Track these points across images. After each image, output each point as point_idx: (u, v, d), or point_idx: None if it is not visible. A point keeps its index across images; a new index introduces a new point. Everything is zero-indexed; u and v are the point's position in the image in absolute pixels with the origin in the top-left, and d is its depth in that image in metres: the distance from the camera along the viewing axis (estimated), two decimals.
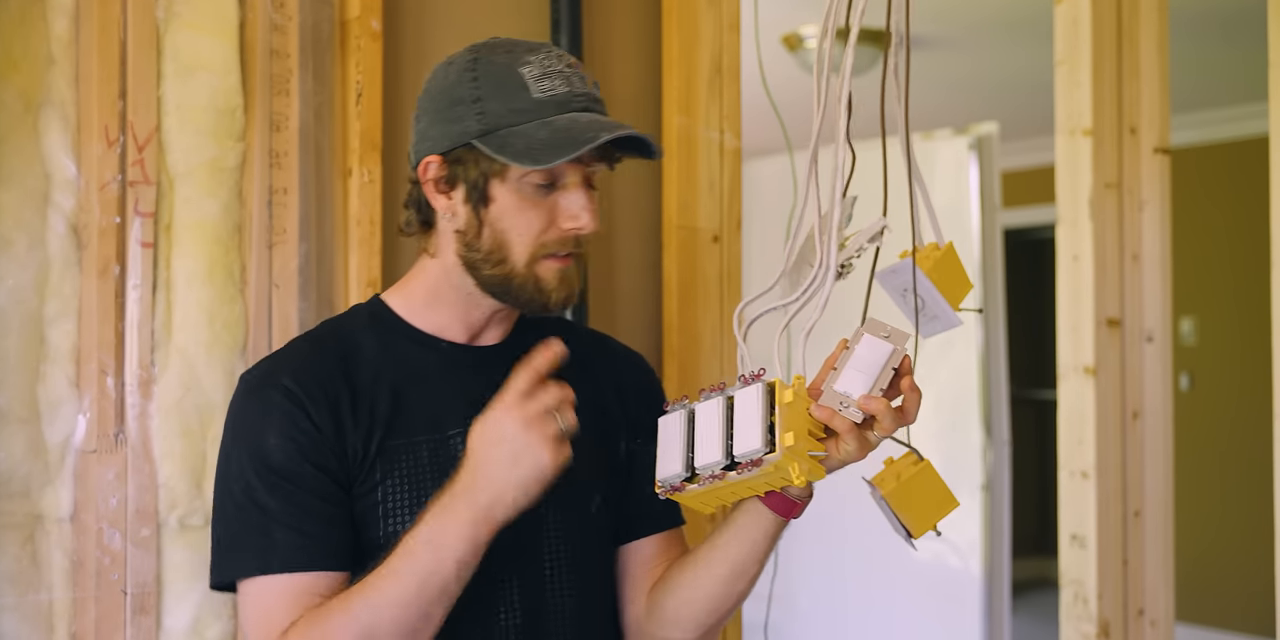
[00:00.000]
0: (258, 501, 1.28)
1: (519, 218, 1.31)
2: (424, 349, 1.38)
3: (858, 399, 1.21)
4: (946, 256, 1.52)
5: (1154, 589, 2.58)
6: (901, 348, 1.24)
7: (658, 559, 1.48)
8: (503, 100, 1.30)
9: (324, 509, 1.28)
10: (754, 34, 2.38)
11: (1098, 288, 2.54)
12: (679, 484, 1.25)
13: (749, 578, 1.38)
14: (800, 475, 1.19)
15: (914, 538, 1.44)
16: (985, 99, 5.13)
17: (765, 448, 1.19)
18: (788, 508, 1.30)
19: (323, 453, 1.29)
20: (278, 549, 1.26)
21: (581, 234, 1.31)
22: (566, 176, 1.31)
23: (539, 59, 1.32)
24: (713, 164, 2.19)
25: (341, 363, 1.35)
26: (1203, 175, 5.40)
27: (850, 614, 4.46)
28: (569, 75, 1.32)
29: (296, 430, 1.28)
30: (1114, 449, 2.55)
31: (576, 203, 1.31)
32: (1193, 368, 5.58)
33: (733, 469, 1.21)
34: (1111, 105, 2.57)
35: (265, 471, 1.28)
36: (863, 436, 1.23)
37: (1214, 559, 5.30)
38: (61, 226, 1.68)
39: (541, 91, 1.30)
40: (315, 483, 1.28)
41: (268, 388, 1.31)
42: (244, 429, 1.31)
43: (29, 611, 1.64)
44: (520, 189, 1.30)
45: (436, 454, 1.33)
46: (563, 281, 1.33)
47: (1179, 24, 2.79)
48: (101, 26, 1.70)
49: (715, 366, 2.18)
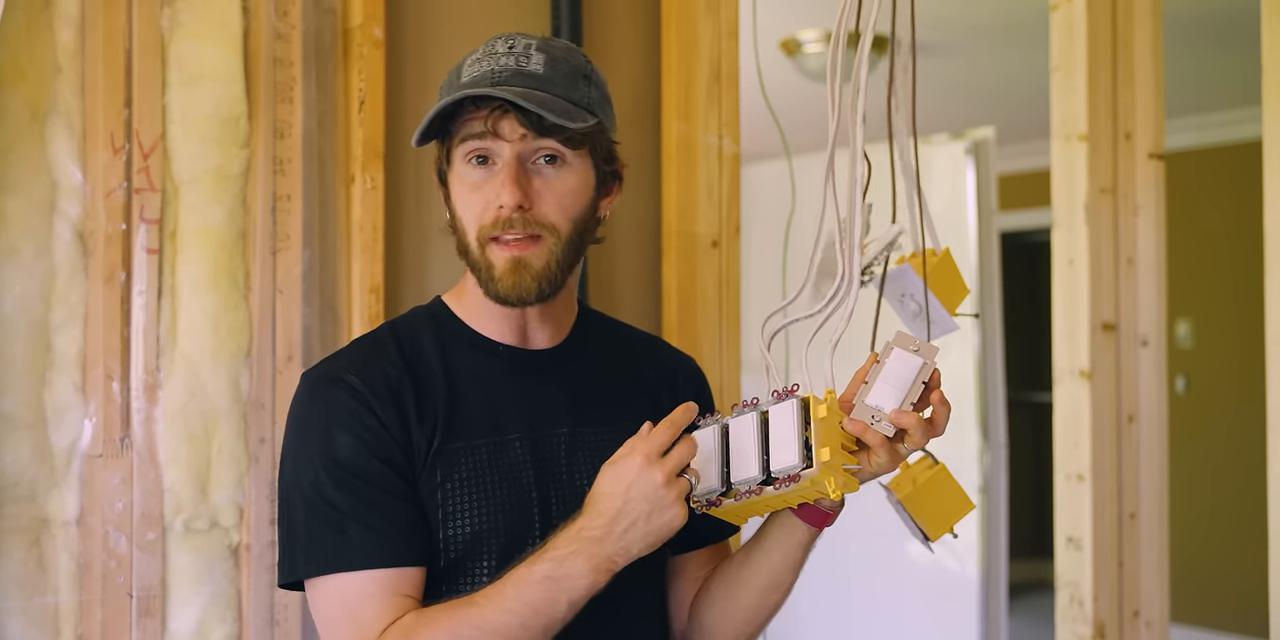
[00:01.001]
0: (328, 498, 1.26)
1: (462, 201, 1.32)
2: (482, 353, 1.38)
3: (889, 413, 1.23)
4: (943, 262, 1.53)
5: (1149, 590, 2.60)
6: (931, 362, 1.25)
7: (703, 570, 1.50)
8: (446, 90, 1.32)
9: (396, 505, 1.27)
10: (753, 40, 2.40)
11: (1093, 292, 2.55)
12: (715, 498, 1.27)
13: (785, 588, 1.41)
14: (837, 489, 1.21)
15: (931, 541, 1.45)
16: (982, 104, 5.14)
17: (802, 463, 1.20)
18: (820, 519, 1.33)
19: (390, 449, 1.28)
20: (353, 546, 1.25)
21: (505, 213, 1.28)
22: (497, 156, 1.29)
23: (488, 44, 1.33)
24: (711, 170, 2.21)
25: (404, 362, 1.34)
26: (1199, 179, 5.42)
27: (848, 617, 4.47)
28: (501, 55, 1.30)
29: (362, 427, 1.28)
30: (1109, 452, 2.57)
31: (498, 180, 1.29)
32: (1189, 371, 5.59)
33: (770, 484, 1.23)
34: (1106, 111, 2.58)
35: (334, 468, 1.27)
36: (894, 449, 1.25)
37: (1209, 561, 5.32)
38: (68, 233, 1.69)
39: (466, 75, 1.30)
40: (384, 479, 1.27)
41: (332, 386, 1.31)
42: (309, 427, 1.31)
43: (35, 614, 1.65)
44: (462, 174, 1.31)
45: (496, 458, 1.33)
46: (514, 269, 1.30)
47: (1173, 29, 2.81)
48: (107, 36, 1.71)
49: (715, 369, 2.19)
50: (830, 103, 1.35)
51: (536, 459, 1.35)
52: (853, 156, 1.37)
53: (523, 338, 1.40)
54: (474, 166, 1.30)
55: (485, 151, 1.29)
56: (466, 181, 1.31)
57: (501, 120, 1.27)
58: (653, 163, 2.20)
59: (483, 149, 1.29)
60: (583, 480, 1.37)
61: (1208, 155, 5.47)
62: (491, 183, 1.29)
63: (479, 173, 1.30)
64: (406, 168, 1.98)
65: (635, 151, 2.20)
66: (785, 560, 1.37)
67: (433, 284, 1.99)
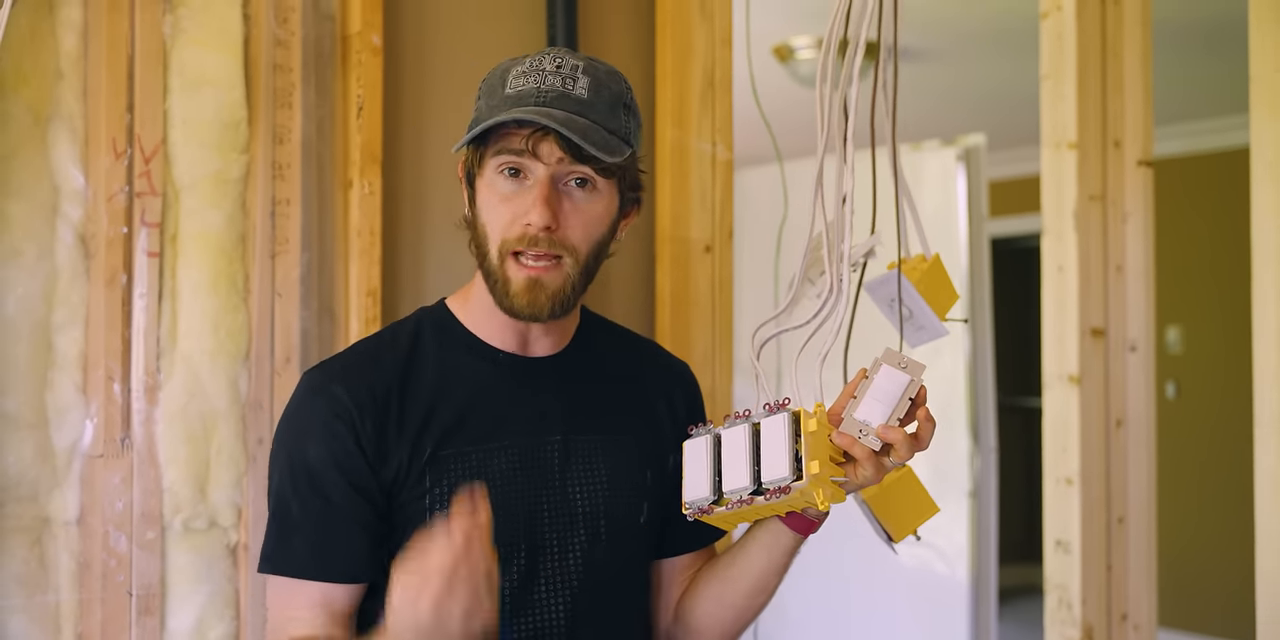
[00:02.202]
0: (285, 504, 1.32)
1: (490, 211, 1.33)
2: (481, 360, 1.40)
3: (876, 428, 1.27)
4: (933, 268, 1.56)
5: (1137, 594, 2.62)
6: (918, 379, 1.29)
7: (689, 570, 1.53)
8: (486, 98, 1.34)
9: (346, 525, 1.31)
10: (745, 47, 2.42)
11: (1082, 298, 2.58)
12: (707, 507, 1.31)
13: (769, 591, 1.45)
14: (825, 500, 1.25)
15: (895, 542, 1.49)
16: (972, 110, 5.16)
17: (793, 475, 1.24)
18: (806, 526, 1.36)
19: (357, 464, 1.31)
20: (292, 553, 1.31)
21: (532, 231, 1.30)
22: (532, 166, 1.31)
23: (534, 58, 1.34)
24: (705, 176, 2.23)
25: (400, 370, 1.37)
26: (1187, 186, 5.45)
27: (838, 620, 4.48)
28: (548, 74, 1.32)
29: (334, 440, 1.31)
30: (1098, 456, 2.59)
31: (529, 198, 1.30)
32: (1179, 376, 5.62)
33: (760, 494, 1.27)
34: (1096, 119, 2.61)
35: (297, 476, 1.32)
36: (879, 462, 1.28)
37: (1197, 564, 5.34)
38: (69, 237, 1.71)
39: (512, 88, 1.32)
40: (342, 494, 1.31)
41: (316, 395, 1.34)
42: (291, 431, 1.35)
43: (36, 613, 1.67)
44: (493, 182, 1.32)
45: (485, 465, 1.35)
46: (529, 288, 1.31)
47: (1162, 37, 2.83)
48: (109, 42, 1.73)
49: (708, 374, 2.21)
50: (819, 111, 1.38)
51: (527, 467, 1.37)
52: (839, 167, 1.40)
53: (524, 345, 1.42)
54: (506, 177, 1.32)
55: (519, 166, 1.31)
56: (497, 191, 1.32)
57: (541, 142, 1.29)
58: (646, 168, 2.22)
59: (517, 164, 1.31)
60: (575, 489, 1.40)
61: (1196, 162, 5.50)
62: (523, 198, 1.31)
63: (510, 184, 1.32)
64: (404, 173, 2.00)
65: None
66: (771, 565, 1.41)
67: (430, 287, 2.01)
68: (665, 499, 1.47)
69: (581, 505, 1.39)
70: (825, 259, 1.39)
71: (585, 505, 1.39)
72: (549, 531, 1.37)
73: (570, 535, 1.38)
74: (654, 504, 1.46)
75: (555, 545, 1.37)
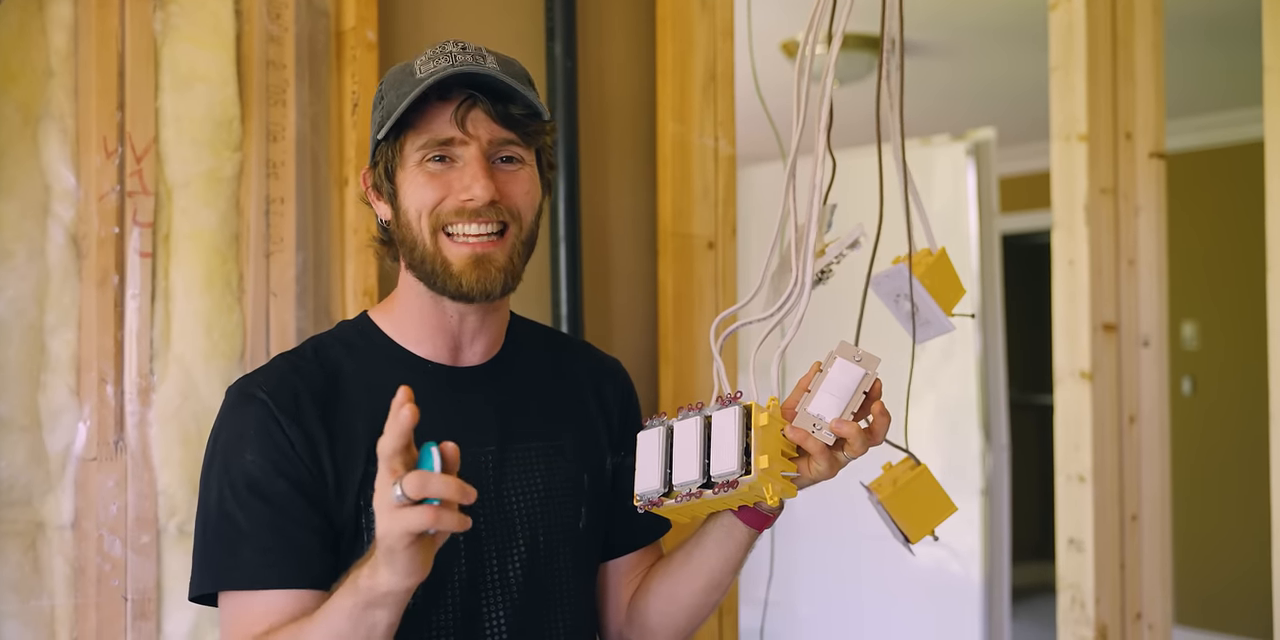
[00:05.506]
0: (229, 516, 1.27)
1: (415, 194, 1.32)
2: (407, 371, 1.37)
3: (830, 422, 1.25)
4: (939, 262, 1.53)
5: (1151, 593, 2.59)
6: (873, 372, 1.28)
7: (638, 569, 1.51)
8: (395, 90, 1.33)
9: (295, 528, 1.27)
10: (748, 40, 2.39)
11: (1094, 293, 2.55)
12: (657, 499, 1.29)
13: (724, 588, 1.43)
14: (774, 495, 1.23)
15: (911, 543, 1.45)
16: (982, 105, 5.14)
17: (741, 470, 1.23)
18: (760, 521, 1.35)
19: (297, 468, 1.28)
20: (243, 565, 1.25)
21: (472, 206, 1.29)
22: (460, 150, 1.31)
23: (434, 47, 1.34)
24: (707, 171, 2.20)
25: (323, 382, 1.34)
26: (1201, 180, 5.41)
27: (849, 620, 4.46)
28: (456, 54, 1.32)
29: (271, 444, 1.28)
30: (1111, 453, 2.56)
31: (468, 173, 1.30)
32: (1195, 372, 5.58)
33: (709, 487, 1.25)
34: (1107, 110, 2.57)
35: (240, 486, 1.27)
36: (833, 457, 1.27)
37: (1212, 562, 5.30)
38: (61, 237, 1.69)
39: (423, 71, 1.31)
40: (286, 500, 1.27)
41: (245, 402, 1.31)
42: (224, 442, 1.32)
43: (31, 618, 1.65)
44: (419, 169, 1.32)
45: None
46: (476, 265, 1.31)
47: (1173, 29, 2.80)
48: (100, 39, 1.71)
49: (710, 372, 2.19)
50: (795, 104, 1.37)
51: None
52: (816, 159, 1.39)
53: (454, 353, 1.40)
54: (432, 163, 1.31)
55: (447, 153, 1.31)
56: (422, 175, 1.32)
57: (470, 112, 1.29)
58: (648, 164, 2.20)
59: (445, 151, 1.31)
60: (513, 500, 1.37)
61: (1210, 156, 5.46)
62: (457, 175, 1.31)
63: (438, 166, 1.32)
64: None
65: (630, 153, 2.19)
66: (725, 561, 1.39)
67: None
68: (604, 500, 1.46)
69: (519, 515, 1.37)
70: (791, 251, 1.38)
71: (523, 515, 1.37)
72: (487, 544, 1.34)
73: (509, 547, 1.36)
74: (592, 508, 1.44)
75: (495, 557, 1.34)
